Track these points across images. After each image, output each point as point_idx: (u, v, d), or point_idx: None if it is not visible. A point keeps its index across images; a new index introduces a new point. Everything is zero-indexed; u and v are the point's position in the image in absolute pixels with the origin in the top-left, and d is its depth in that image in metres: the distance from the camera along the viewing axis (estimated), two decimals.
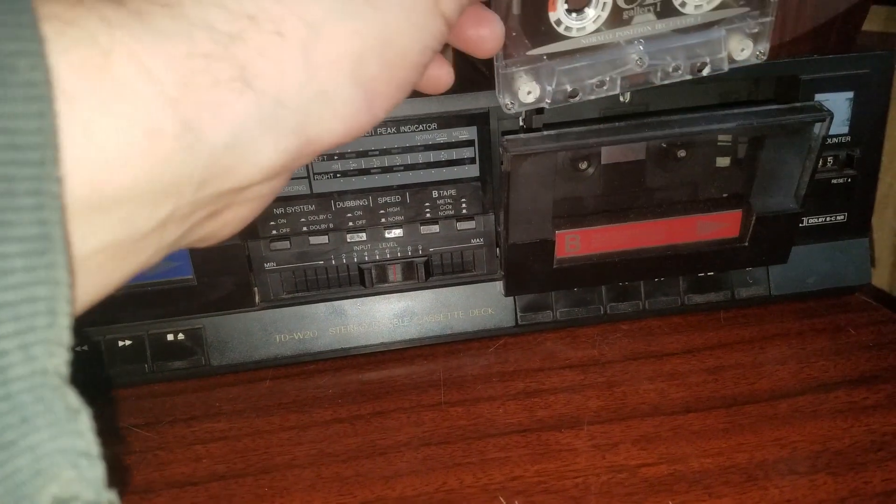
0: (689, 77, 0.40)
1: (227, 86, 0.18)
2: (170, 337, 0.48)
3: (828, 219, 0.52)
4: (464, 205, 0.48)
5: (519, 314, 0.51)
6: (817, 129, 0.44)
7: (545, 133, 0.42)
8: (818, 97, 0.48)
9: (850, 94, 0.48)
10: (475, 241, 0.49)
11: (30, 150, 0.15)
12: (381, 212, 0.47)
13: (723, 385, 0.45)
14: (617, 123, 0.43)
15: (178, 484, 0.40)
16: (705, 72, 0.40)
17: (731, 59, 0.40)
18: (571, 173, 0.47)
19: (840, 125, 0.49)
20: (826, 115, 0.43)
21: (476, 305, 0.50)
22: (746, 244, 0.49)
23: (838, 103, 0.48)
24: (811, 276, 0.52)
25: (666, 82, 0.40)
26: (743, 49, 0.40)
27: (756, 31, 0.40)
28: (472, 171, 0.47)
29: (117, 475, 0.40)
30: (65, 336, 0.15)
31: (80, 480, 0.15)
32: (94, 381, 0.48)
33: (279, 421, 0.45)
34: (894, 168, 0.63)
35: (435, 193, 0.47)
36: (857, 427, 0.40)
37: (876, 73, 0.48)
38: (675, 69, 0.40)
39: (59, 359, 0.15)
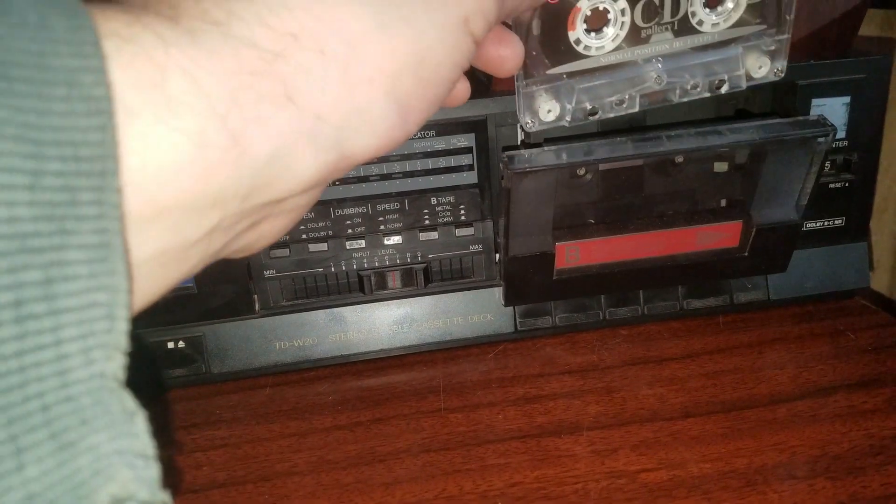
0: (707, 94, 0.40)
1: (271, 101, 0.19)
2: (170, 345, 0.48)
3: (826, 223, 0.52)
4: (462, 211, 0.48)
5: (518, 320, 0.51)
6: (821, 142, 0.44)
7: (546, 149, 0.42)
8: (815, 102, 0.48)
9: (847, 99, 0.48)
10: (474, 248, 0.49)
11: (92, 161, 0.15)
12: (380, 219, 0.47)
13: (722, 390, 0.45)
14: (618, 138, 0.43)
15: (178, 491, 0.40)
16: (723, 89, 0.40)
17: (748, 77, 0.41)
18: (570, 182, 0.47)
19: (837, 130, 0.49)
20: (830, 130, 0.43)
21: (475, 311, 0.51)
22: (746, 254, 0.49)
23: (835, 108, 0.48)
24: (810, 280, 0.52)
25: (684, 100, 0.40)
26: (760, 66, 0.40)
27: (773, 48, 0.41)
28: (471, 177, 0.47)
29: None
30: (122, 341, 0.16)
31: (137, 480, 0.16)
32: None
33: (279, 428, 0.45)
34: (893, 171, 0.63)
35: (433, 200, 0.47)
36: (856, 431, 0.40)
37: (873, 77, 0.48)
38: (694, 87, 0.40)
39: (116, 362, 0.16)
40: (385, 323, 0.50)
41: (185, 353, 0.48)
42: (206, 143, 0.17)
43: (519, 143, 0.47)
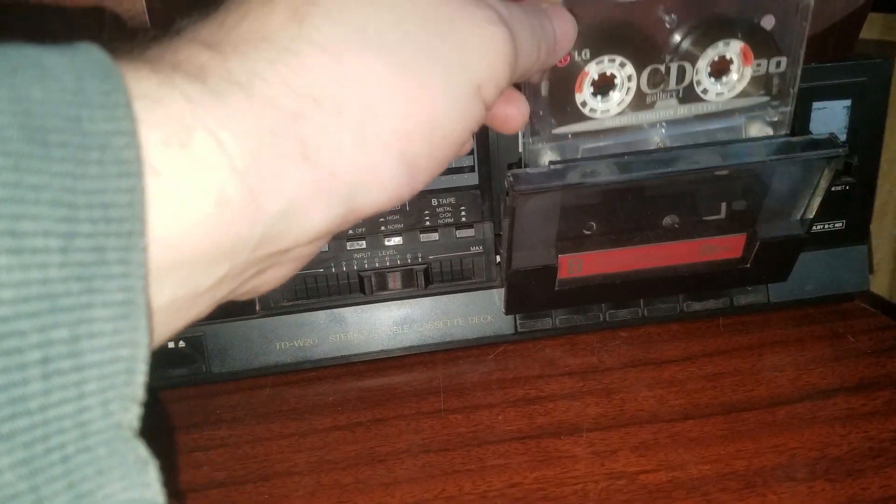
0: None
1: (288, 159, 0.19)
2: (170, 344, 0.48)
3: (826, 226, 0.52)
4: (463, 213, 0.48)
5: (518, 321, 0.51)
6: (831, 162, 0.43)
7: (551, 168, 0.40)
8: (816, 105, 0.48)
9: (848, 102, 0.48)
10: (474, 249, 0.49)
11: (120, 222, 0.16)
12: (381, 220, 0.47)
13: (721, 392, 0.45)
14: (626, 157, 0.41)
15: (177, 491, 0.40)
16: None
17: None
18: (574, 197, 0.46)
19: (838, 133, 0.49)
20: (842, 152, 0.42)
21: (475, 313, 0.51)
22: (748, 265, 0.48)
23: (836, 111, 0.48)
24: (810, 283, 0.52)
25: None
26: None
27: (776, 119, 0.42)
28: (472, 179, 0.47)
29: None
30: (139, 393, 0.17)
31: None
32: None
33: (279, 428, 0.45)
34: (893, 175, 0.64)
35: (434, 201, 0.47)
36: (855, 433, 0.40)
37: (873, 80, 0.48)
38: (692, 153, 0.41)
39: (132, 413, 0.16)
40: (385, 324, 0.50)
41: (186, 352, 0.48)
42: (225, 199, 0.18)
43: (520, 147, 0.47)
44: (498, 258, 0.49)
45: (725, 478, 0.38)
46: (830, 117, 0.48)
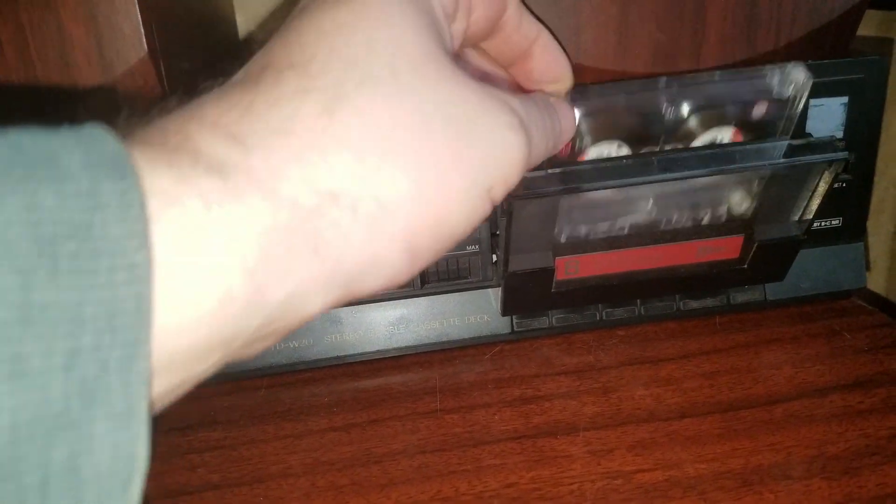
0: (689, 224, 0.45)
1: (300, 254, 0.19)
2: None
3: (823, 223, 0.52)
4: None
5: (515, 321, 0.51)
6: (833, 165, 0.43)
7: (549, 172, 0.40)
8: (813, 102, 0.48)
9: (845, 99, 0.48)
10: (470, 248, 0.49)
11: (125, 330, 0.15)
12: None
13: (718, 390, 0.45)
14: (625, 161, 0.41)
15: (172, 493, 0.40)
16: (704, 221, 0.45)
17: (729, 212, 0.45)
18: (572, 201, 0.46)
19: (835, 130, 0.49)
20: (843, 156, 0.42)
21: (472, 312, 0.50)
22: (745, 266, 0.48)
23: (833, 108, 0.48)
24: (806, 280, 0.52)
25: (668, 229, 0.45)
26: (742, 204, 0.44)
27: (755, 192, 0.43)
28: None
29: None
30: (134, 501, 0.16)
31: None
32: None
33: (274, 429, 0.45)
34: (890, 173, 0.64)
35: None
36: (852, 431, 0.40)
37: (870, 78, 0.48)
38: (679, 219, 0.44)
39: None
40: (381, 324, 0.50)
41: None
42: (230, 297, 0.18)
43: None
44: (494, 257, 0.49)
45: (722, 476, 0.38)
46: (827, 114, 0.48)
